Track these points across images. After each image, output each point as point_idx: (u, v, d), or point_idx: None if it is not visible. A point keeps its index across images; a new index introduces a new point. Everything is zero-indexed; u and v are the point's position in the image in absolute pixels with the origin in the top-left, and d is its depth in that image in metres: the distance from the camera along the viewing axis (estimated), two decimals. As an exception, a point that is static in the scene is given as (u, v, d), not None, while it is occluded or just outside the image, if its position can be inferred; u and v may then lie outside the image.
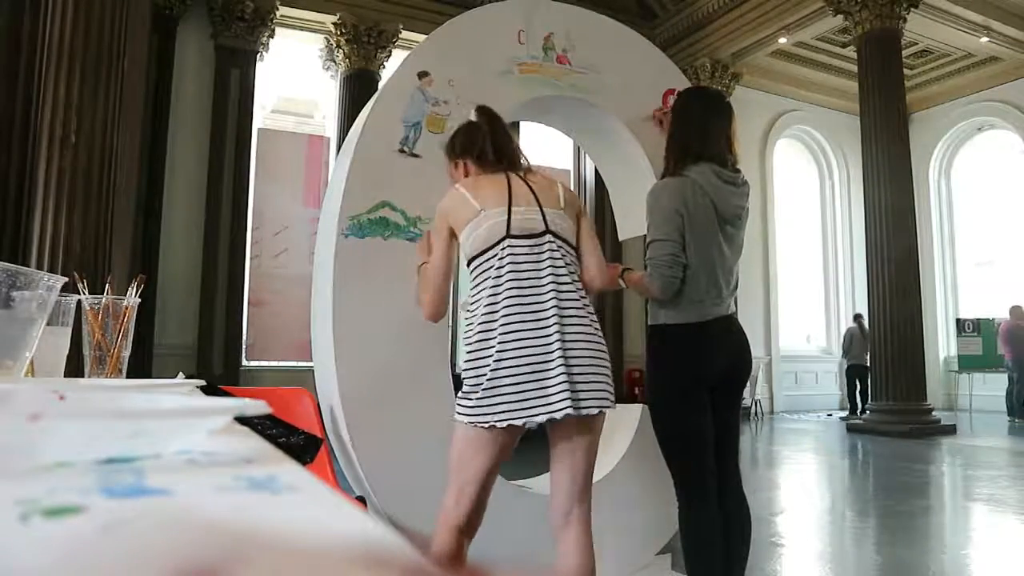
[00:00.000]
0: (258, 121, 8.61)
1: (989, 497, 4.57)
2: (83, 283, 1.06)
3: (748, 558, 2.03)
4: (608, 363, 1.65)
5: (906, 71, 8.89)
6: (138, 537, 0.20)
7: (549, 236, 1.66)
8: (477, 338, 1.60)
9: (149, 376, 6.41)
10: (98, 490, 0.25)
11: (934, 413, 7.97)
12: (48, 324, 0.80)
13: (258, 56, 8.52)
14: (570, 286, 1.64)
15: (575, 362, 1.56)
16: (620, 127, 2.65)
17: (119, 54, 3.59)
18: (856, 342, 9.85)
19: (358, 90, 8.27)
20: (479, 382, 1.56)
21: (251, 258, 8.31)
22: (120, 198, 3.77)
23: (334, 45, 8.85)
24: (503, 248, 1.63)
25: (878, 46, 8.12)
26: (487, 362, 1.56)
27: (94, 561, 0.18)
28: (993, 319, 9.75)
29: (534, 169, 1.80)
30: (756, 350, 3.73)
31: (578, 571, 1.63)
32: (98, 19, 3.51)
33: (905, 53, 8.86)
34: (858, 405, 9.61)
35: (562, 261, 1.65)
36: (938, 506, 4.43)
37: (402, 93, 2.27)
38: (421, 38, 2.68)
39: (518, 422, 1.55)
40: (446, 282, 1.72)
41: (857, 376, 9.79)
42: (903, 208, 7.96)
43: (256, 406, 0.36)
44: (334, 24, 8.70)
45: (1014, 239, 10.69)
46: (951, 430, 7.81)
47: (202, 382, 0.82)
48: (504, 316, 1.57)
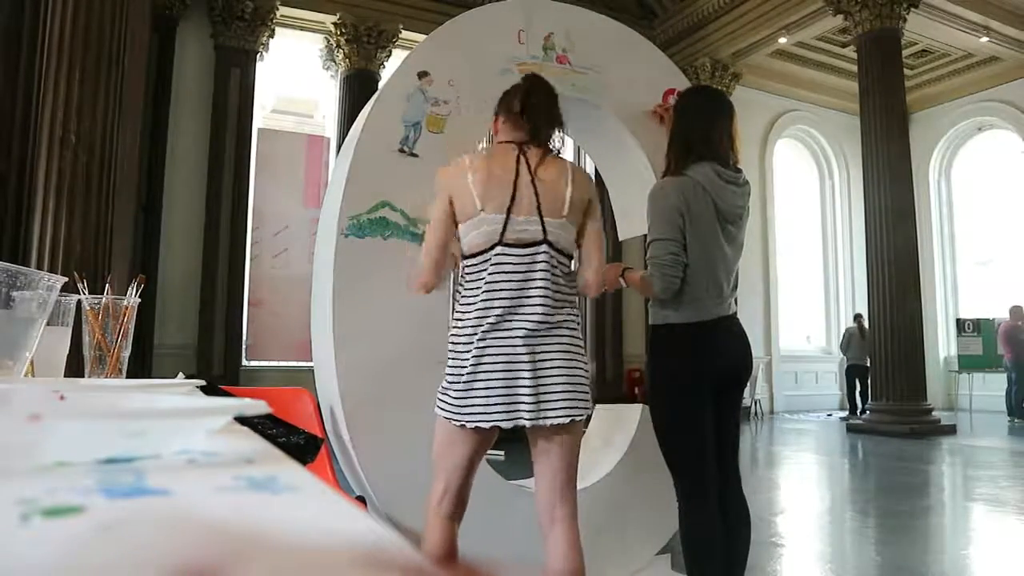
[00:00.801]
0: (258, 121, 8.60)
1: (989, 497, 4.57)
2: (83, 283, 1.06)
3: (748, 558, 2.03)
4: (583, 372, 1.68)
5: (906, 71, 8.89)
6: (138, 537, 0.20)
7: (545, 246, 1.65)
8: (464, 337, 1.64)
9: (149, 376, 6.41)
10: (98, 490, 0.25)
11: (934, 413, 7.96)
12: (48, 324, 0.80)
13: (258, 56, 8.51)
14: (556, 296, 1.65)
15: (544, 375, 1.62)
16: (620, 127, 2.64)
17: (119, 54, 3.59)
18: (855, 342, 9.86)
19: (358, 90, 8.27)
20: (456, 381, 1.64)
21: (251, 258, 8.30)
22: (120, 198, 3.77)
23: (334, 45, 8.85)
24: (495, 254, 1.64)
25: (878, 46, 8.12)
26: (465, 365, 1.62)
27: (94, 561, 0.18)
28: (993, 319, 9.76)
29: (552, 155, 1.74)
30: (756, 350, 3.73)
31: (566, 568, 1.65)
32: (98, 19, 3.51)
33: (905, 53, 8.86)
34: (858, 405, 9.61)
35: (551, 273, 1.65)
36: (938, 506, 4.42)
37: (402, 93, 2.27)
38: (421, 38, 2.68)
39: (485, 425, 1.61)
40: (441, 252, 1.68)
41: (857, 376, 9.79)
42: (903, 208, 7.95)
43: (256, 406, 0.36)
44: (334, 24, 8.69)
45: (1014, 239, 10.69)
46: (951, 430, 7.81)
47: (202, 382, 0.82)
48: (487, 324, 1.61)
